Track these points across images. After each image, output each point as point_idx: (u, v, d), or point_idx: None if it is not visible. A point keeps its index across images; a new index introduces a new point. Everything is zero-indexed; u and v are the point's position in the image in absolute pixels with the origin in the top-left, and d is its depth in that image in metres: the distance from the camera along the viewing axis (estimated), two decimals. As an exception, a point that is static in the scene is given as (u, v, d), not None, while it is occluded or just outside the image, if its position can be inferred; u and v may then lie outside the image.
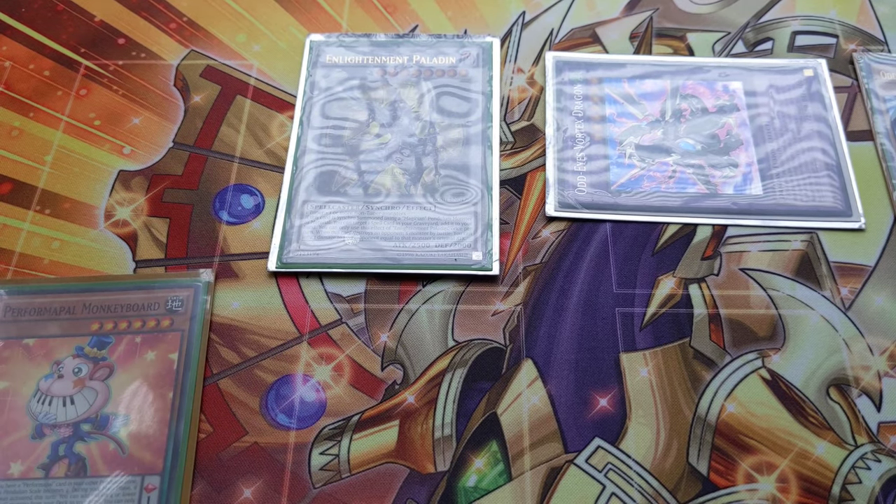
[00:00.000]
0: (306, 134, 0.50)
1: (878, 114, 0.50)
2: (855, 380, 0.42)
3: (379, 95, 0.51)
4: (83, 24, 0.55)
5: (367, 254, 0.45)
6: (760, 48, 0.54)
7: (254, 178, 0.49)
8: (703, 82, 0.52)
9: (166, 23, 0.55)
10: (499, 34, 0.55)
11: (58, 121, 0.51)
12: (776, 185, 0.48)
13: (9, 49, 0.54)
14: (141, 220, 0.47)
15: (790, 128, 0.50)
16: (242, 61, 0.54)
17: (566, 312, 0.44)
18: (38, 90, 0.52)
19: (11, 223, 0.47)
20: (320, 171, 0.48)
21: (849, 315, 0.44)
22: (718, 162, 0.49)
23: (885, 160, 0.49)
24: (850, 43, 0.54)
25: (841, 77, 0.53)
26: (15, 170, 0.49)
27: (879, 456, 0.40)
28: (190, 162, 0.49)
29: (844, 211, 0.47)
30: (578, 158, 0.49)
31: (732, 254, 0.46)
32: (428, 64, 0.53)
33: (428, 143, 0.49)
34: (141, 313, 0.43)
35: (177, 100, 0.52)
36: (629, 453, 0.40)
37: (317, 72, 0.52)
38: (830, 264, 0.45)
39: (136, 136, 0.50)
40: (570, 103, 0.51)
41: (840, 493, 0.39)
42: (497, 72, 0.52)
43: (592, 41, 0.55)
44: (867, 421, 0.41)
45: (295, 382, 0.42)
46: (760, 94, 0.51)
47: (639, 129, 0.50)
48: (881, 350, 0.43)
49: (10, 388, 0.41)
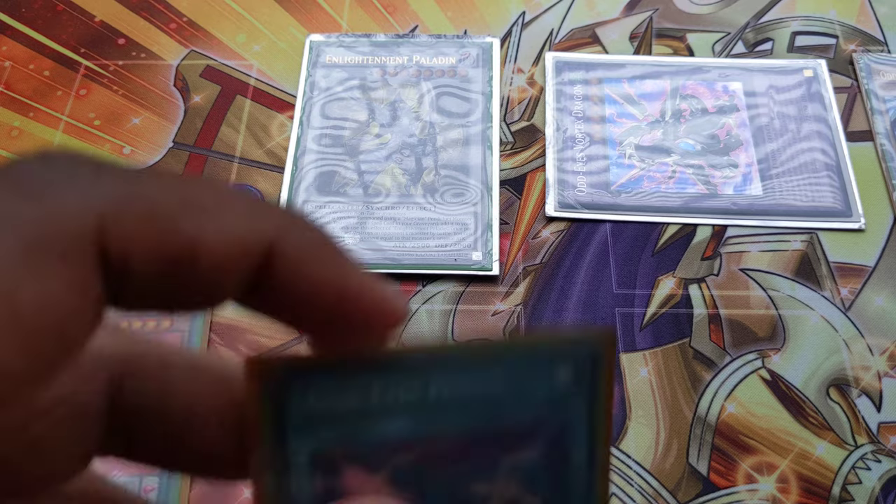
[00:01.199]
0: (306, 134, 0.50)
1: (878, 114, 0.50)
2: (855, 380, 0.42)
3: (379, 95, 0.52)
4: (83, 24, 0.55)
5: (366, 254, 0.45)
6: (760, 48, 0.54)
7: (254, 178, 0.49)
8: (703, 83, 0.52)
9: (166, 23, 0.55)
10: (499, 34, 0.55)
11: (58, 121, 0.51)
12: (776, 185, 0.48)
13: (9, 49, 0.54)
14: (141, 221, 0.47)
15: (790, 128, 0.50)
16: (242, 61, 0.54)
17: (566, 313, 0.44)
18: (37, 90, 0.52)
19: (11, 223, 0.47)
20: (320, 172, 0.48)
21: (849, 315, 0.44)
22: (718, 162, 0.49)
23: (884, 160, 0.49)
24: (849, 43, 0.54)
25: (841, 77, 0.53)
26: (15, 170, 0.49)
27: (879, 456, 0.40)
28: (190, 162, 0.49)
29: (844, 211, 0.47)
30: (578, 159, 0.49)
31: (732, 254, 0.46)
32: (428, 64, 0.53)
33: (428, 144, 0.50)
34: (141, 313, 0.43)
35: (177, 100, 0.52)
36: (629, 453, 0.40)
37: (317, 72, 0.52)
38: (830, 264, 0.45)
39: (136, 137, 0.50)
40: (570, 103, 0.51)
41: (840, 494, 0.39)
42: (497, 72, 0.52)
43: (592, 41, 0.55)
44: (867, 421, 0.41)
45: (295, 382, 0.42)
46: (760, 94, 0.51)
47: (639, 130, 0.50)
48: (881, 350, 0.43)
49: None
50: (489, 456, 0.16)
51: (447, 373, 0.16)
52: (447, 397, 0.16)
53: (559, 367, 0.16)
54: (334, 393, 0.15)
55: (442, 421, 0.16)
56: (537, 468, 0.16)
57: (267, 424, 0.14)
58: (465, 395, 0.16)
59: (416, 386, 0.16)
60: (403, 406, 0.16)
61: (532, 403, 0.16)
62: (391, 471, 0.16)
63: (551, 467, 0.17)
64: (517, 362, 0.16)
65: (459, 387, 0.16)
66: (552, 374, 0.16)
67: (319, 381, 0.15)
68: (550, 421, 0.17)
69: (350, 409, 0.15)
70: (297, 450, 0.15)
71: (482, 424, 0.16)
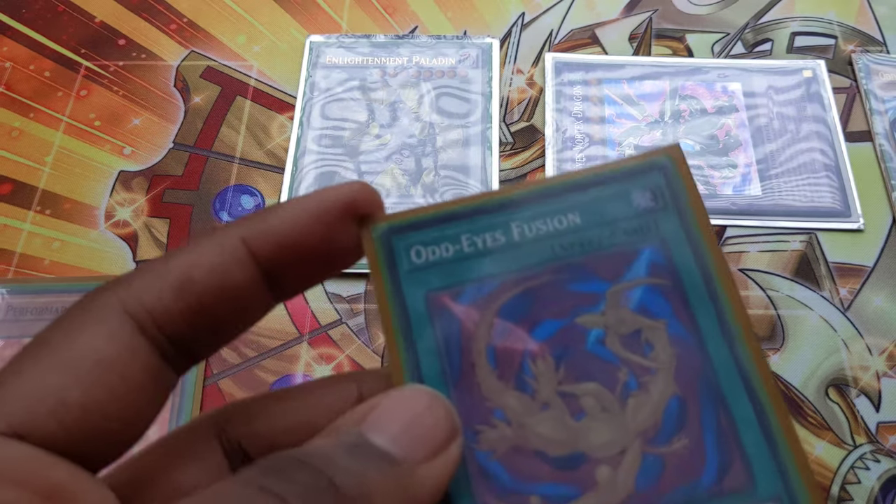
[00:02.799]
0: (306, 135, 0.50)
1: (877, 115, 0.50)
2: (854, 380, 0.42)
3: (378, 96, 0.52)
4: (83, 25, 0.55)
5: (366, 254, 0.45)
6: (759, 49, 0.54)
7: (254, 179, 0.49)
8: (702, 83, 0.52)
9: (167, 24, 0.55)
10: (498, 35, 0.55)
11: (58, 121, 0.51)
12: (775, 185, 0.48)
13: (9, 50, 0.54)
14: (141, 221, 0.47)
15: (789, 128, 0.50)
16: (242, 62, 0.54)
17: (565, 313, 0.44)
18: (38, 91, 0.52)
19: (12, 224, 0.47)
20: (320, 172, 0.48)
21: (847, 315, 0.44)
22: (717, 163, 0.49)
23: (883, 161, 0.49)
24: (848, 44, 0.54)
25: (840, 78, 0.53)
26: (15, 170, 0.49)
27: (878, 456, 0.40)
28: (190, 162, 0.49)
29: (843, 211, 0.47)
30: (578, 159, 0.49)
31: (731, 254, 0.46)
32: (427, 65, 0.53)
33: (427, 144, 0.50)
34: (141, 314, 0.43)
35: (177, 100, 0.52)
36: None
37: (316, 73, 0.53)
38: (829, 265, 0.45)
39: (136, 137, 0.50)
40: (570, 104, 0.51)
41: (839, 494, 0.39)
42: (497, 73, 0.53)
43: (592, 42, 0.55)
44: (866, 421, 0.41)
45: (295, 382, 0.42)
46: (759, 94, 0.51)
47: (638, 130, 0.50)
48: (880, 350, 0.43)
49: (11, 388, 0.41)
50: (590, 286, 0.17)
51: (524, 212, 0.17)
52: (531, 235, 0.17)
53: (634, 191, 0.17)
54: (432, 246, 0.17)
55: (533, 256, 0.17)
56: (650, 294, 0.17)
57: (385, 280, 0.17)
58: (549, 231, 0.17)
59: (500, 228, 0.17)
60: (493, 248, 0.17)
61: (619, 230, 0.17)
62: (498, 307, 0.17)
63: (664, 289, 0.17)
64: (591, 194, 0.17)
65: (540, 224, 0.17)
66: (629, 200, 0.17)
67: (418, 239, 0.17)
68: (644, 242, 0.17)
69: (447, 258, 0.17)
70: (412, 294, 0.17)
71: (575, 256, 0.17)
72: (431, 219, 0.17)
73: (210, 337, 0.17)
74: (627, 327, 0.16)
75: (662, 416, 0.16)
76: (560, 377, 0.16)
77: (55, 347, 0.15)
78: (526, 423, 0.16)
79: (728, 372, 0.16)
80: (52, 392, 0.14)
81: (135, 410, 0.15)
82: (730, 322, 0.16)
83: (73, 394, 0.14)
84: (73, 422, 0.14)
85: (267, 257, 0.17)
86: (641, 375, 0.16)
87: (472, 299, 0.17)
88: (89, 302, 0.16)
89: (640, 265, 0.17)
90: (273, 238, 0.17)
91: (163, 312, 0.16)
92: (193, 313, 0.16)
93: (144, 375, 0.16)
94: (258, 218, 0.17)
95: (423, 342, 0.16)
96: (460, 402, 0.16)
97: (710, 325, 0.16)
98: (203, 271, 0.16)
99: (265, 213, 0.17)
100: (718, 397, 0.16)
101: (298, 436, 0.18)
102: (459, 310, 0.17)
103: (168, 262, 0.17)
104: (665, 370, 0.16)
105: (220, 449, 0.18)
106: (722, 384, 0.16)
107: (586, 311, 0.17)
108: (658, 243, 0.17)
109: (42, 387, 0.14)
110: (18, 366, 0.15)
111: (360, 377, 0.20)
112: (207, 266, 0.16)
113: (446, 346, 0.16)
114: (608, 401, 0.16)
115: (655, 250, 0.17)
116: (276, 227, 0.17)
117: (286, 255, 0.17)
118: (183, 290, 0.16)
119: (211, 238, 0.17)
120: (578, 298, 0.17)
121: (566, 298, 0.17)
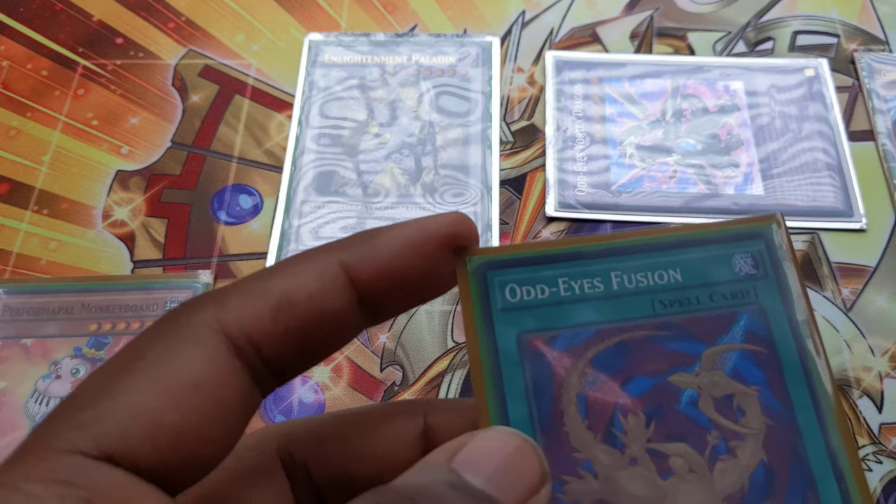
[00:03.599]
0: (305, 134, 0.50)
1: (880, 114, 0.50)
2: (856, 381, 0.42)
3: (378, 95, 0.51)
4: (81, 23, 0.55)
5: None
6: (761, 48, 0.54)
7: (252, 178, 0.48)
8: (704, 82, 0.52)
9: (164, 22, 0.55)
10: (499, 33, 0.54)
11: (55, 121, 0.51)
12: (777, 185, 0.47)
13: (6, 49, 0.54)
14: (139, 221, 0.47)
15: (791, 128, 0.50)
16: (241, 61, 0.53)
17: (566, 313, 0.44)
18: (35, 90, 0.52)
19: (9, 223, 0.47)
20: (319, 171, 0.48)
21: (850, 316, 0.44)
22: (719, 162, 0.48)
23: (886, 160, 0.48)
24: (851, 43, 0.54)
25: (842, 77, 0.52)
26: (12, 170, 0.49)
27: (881, 457, 0.40)
28: (188, 162, 0.49)
29: (846, 211, 0.47)
30: (579, 158, 0.49)
31: (733, 254, 0.46)
32: (427, 63, 0.53)
33: (427, 143, 0.49)
34: (139, 314, 0.43)
35: (175, 99, 0.52)
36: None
37: (315, 71, 0.52)
38: (832, 265, 0.45)
39: (133, 136, 0.50)
40: (571, 103, 0.51)
41: (841, 495, 0.39)
42: (497, 71, 0.52)
43: (593, 40, 0.54)
44: (868, 422, 0.41)
45: (293, 383, 0.42)
46: (761, 93, 0.51)
47: (639, 129, 0.50)
48: (882, 351, 0.43)
49: (8, 387, 0.41)
50: (687, 346, 0.17)
51: (626, 262, 0.17)
52: (631, 286, 0.17)
53: (736, 255, 0.17)
54: (527, 286, 0.17)
55: (632, 309, 0.17)
56: (745, 360, 0.16)
57: (476, 314, 0.17)
58: (649, 285, 0.17)
59: (599, 276, 0.17)
60: (590, 296, 0.17)
61: (718, 293, 0.17)
62: (592, 356, 0.16)
63: (759, 357, 0.16)
64: (694, 254, 0.17)
65: (640, 276, 0.17)
66: (731, 264, 0.17)
67: (513, 277, 0.17)
68: (742, 307, 0.17)
69: (542, 300, 0.17)
70: (503, 334, 0.16)
71: (674, 314, 0.17)
72: (529, 258, 0.17)
73: (302, 358, 0.17)
74: (721, 391, 0.16)
75: (749, 483, 0.15)
76: (649, 434, 0.16)
77: (150, 366, 0.15)
78: (614, 478, 0.15)
79: (818, 452, 0.15)
80: (148, 414, 0.14)
81: (226, 433, 0.15)
82: (822, 402, 0.16)
83: (169, 417, 0.14)
84: (168, 446, 0.14)
85: (366, 284, 0.17)
86: (731, 440, 0.16)
87: (566, 346, 0.16)
88: (185, 318, 0.16)
89: (737, 330, 0.16)
90: (374, 265, 0.17)
91: (261, 335, 0.16)
92: (291, 336, 0.16)
93: (238, 398, 0.15)
94: (359, 244, 0.17)
95: (512, 384, 0.16)
96: (547, 449, 0.16)
97: (804, 400, 0.16)
98: (303, 295, 0.16)
99: (366, 239, 0.17)
100: (808, 475, 0.15)
101: (367, 463, 0.18)
102: (552, 355, 0.16)
103: (266, 284, 0.16)
104: (755, 437, 0.16)
105: (281, 468, 0.18)
106: (812, 463, 0.15)
107: (680, 370, 0.16)
108: (756, 310, 0.17)
109: (138, 408, 0.14)
110: (111, 383, 0.14)
111: (427, 407, 0.20)
112: (307, 290, 0.16)
113: (535, 390, 0.16)
114: (697, 462, 0.16)
115: (753, 317, 0.17)
116: (377, 255, 0.17)
117: (385, 283, 0.17)
118: (282, 312, 0.16)
119: (310, 260, 0.17)
120: (674, 357, 0.16)
121: (662, 356, 0.16)
